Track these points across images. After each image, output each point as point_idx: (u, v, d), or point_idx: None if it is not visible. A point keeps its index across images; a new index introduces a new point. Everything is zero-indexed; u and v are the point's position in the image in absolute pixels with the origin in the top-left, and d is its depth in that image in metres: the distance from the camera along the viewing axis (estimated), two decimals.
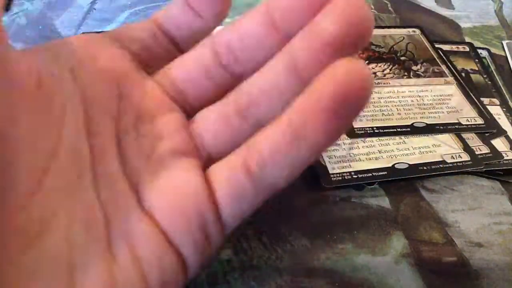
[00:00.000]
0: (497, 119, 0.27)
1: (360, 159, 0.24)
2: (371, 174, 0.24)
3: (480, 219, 0.23)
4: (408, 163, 0.24)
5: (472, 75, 0.31)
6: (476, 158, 0.25)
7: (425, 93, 0.28)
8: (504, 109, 0.28)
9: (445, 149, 0.25)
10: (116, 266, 0.14)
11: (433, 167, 0.24)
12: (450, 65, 0.30)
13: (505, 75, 0.31)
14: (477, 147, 0.26)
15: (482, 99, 0.28)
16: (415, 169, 0.24)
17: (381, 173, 0.24)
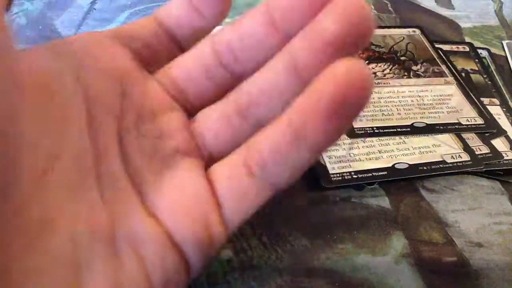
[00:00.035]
0: (497, 119, 0.27)
1: (360, 159, 0.24)
2: (371, 174, 0.24)
3: (480, 219, 0.23)
4: (408, 163, 0.24)
5: (472, 75, 0.30)
6: (476, 158, 0.25)
7: (425, 93, 0.28)
8: (504, 109, 0.28)
9: (445, 149, 0.25)
10: (120, 265, 0.14)
11: (433, 167, 0.24)
12: (450, 65, 0.30)
13: (505, 75, 0.31)
14: (477, 147, 0.26)
15: (482, 99, 0.28)
16: (415, 169, 0.24)
17: (381, 173, 0.24)
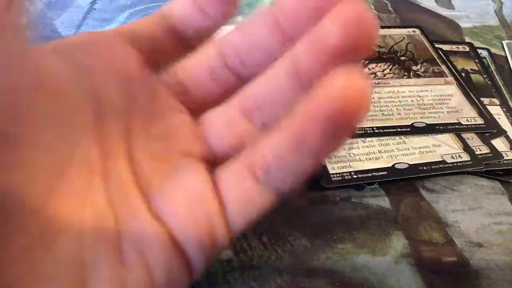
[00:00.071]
0: (497, 119, 0.27)
1: (360, 159, 0.24)
2: (371, 174, 0.24)
3: (480, 219, 0.23)
4: (408, 163, 0.24)
5: (472, 75, 0.30)
6: (476, 158, 0.25)
7: (425, 93, 0.28)
8: (504, 109, 0.28)
9: (445, 149, 0.25)
10: (125, 267, 0.14)
11: (433, 167, 0.24)
12: (450, 65, 0.30)
13: (505, 75, 0.31)
14: (477, 147, 0.26)
15: (482, 99, 0.28)
16: (415, 169, 0.24)
17: (381, 173, 0.24)
